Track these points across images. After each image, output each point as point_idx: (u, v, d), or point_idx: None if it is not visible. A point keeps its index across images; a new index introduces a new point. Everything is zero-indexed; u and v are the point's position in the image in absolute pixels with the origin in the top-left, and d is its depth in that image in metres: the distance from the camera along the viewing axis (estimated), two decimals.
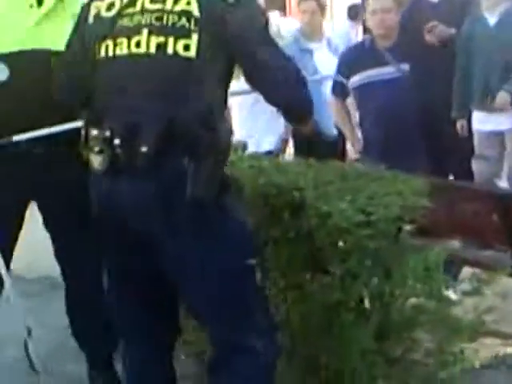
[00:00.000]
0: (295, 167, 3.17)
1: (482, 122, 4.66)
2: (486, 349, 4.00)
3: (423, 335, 2.79)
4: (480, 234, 3.66)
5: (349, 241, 2.61)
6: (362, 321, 2.69)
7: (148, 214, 2.44)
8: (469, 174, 4.72)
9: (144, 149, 2.37)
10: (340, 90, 5.06)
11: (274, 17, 16.57)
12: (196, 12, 2.45)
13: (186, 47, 2.43)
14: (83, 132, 2.55)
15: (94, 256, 2.98)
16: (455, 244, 4.21)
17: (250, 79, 2.54)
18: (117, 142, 2.41)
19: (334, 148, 5.54)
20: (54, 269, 3.61)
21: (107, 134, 2.44)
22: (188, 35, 2.43)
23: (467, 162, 4.76)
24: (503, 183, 4.75)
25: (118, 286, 2.79)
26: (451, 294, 3.85)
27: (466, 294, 2.74)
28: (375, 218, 2.59)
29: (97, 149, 2.47)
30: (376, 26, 4.84)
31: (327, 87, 5.27)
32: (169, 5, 2.48)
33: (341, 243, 2.65)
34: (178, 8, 2.46)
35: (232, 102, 5.47)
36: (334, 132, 5.46)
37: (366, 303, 2.74)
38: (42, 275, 4.83)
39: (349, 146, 5.42)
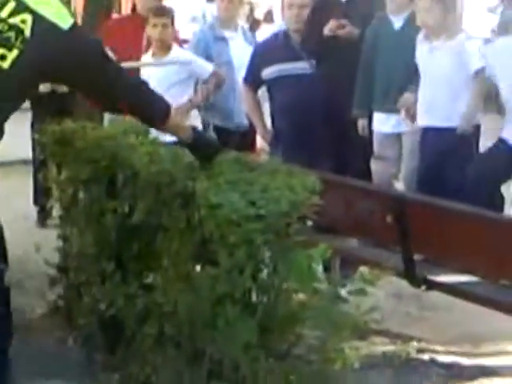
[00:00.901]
0: (190, 156, 3.14)
1: (381, 123, 4.70)
2: (375, 347, 4.07)
3: (307, 331, 2.80)
4: (375, 233, 3.70)
5: (237, 233, 2.59)
6: (247, 314, 2.68)
7: None
8: (369, 174, 4.77)
9: None
10: (252, 80, 5.05)
11: (199, 1, 16.47)
12: (27, 33, 2.49)
13: (2, 57, 2.46)
14: None
15: None
16: (353, 242, 4.26)
17: (98, 100, 2.84)
18: None
19: (245, 138, 5.54)
20: None
21: None
22: (10, 48, 2.47)
23: (368, 161, 4.81)
24: (400, 184, 4.82)
25: None
26: (343, 292, 3.90)
27: (351, 293, 2.75)
28: (264, 212, 2.57)
29: None
30: (292, 20, 4.84)
31: (240, 76, 5.26)
32: (4, 13, 2.50)
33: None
34: (12, 20, 2.49)
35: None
36: (245, 122, 5.45)
37: (253, 297, 2.73)
38: None
39: (258, 136, 5.43)
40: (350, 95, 4.69)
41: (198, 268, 2.94)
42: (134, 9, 5.91)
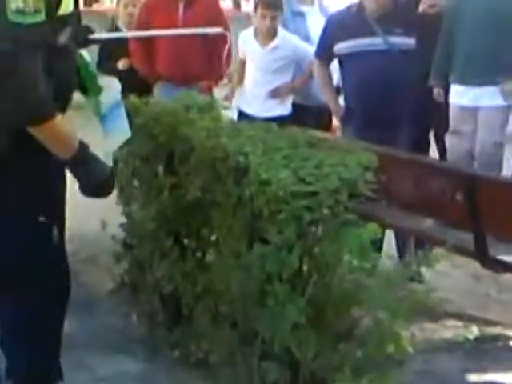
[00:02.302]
0: (250, 131, 3.06)
1: (459, 95, 4.46)
2: (447, 330, 3.92)
3: (363, 313, 2.68)
4: (445, 212, 3.53)
5: (285, 211, 2.50)
6: (297, 294, 2.59)
7: None
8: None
9: None
10: (324, 55, 4.91)
11: None
12: None
13: None
14: None
15: None
16: (428, 222, 4.09)
17: None
18: None
19: (323, 116, 5.42)
20: None
21: None
22: None
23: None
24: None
25: None
26: (423, 272, 3.76)
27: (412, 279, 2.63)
28: (313, 189, 2.48)
29: None
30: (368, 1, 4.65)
31: None
32: None
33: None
34: None
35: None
36: (323, 99, 5.32)
37: (304, 275, 2.64)
38: None
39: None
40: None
41: (247, 245, 2.86)
42: None
